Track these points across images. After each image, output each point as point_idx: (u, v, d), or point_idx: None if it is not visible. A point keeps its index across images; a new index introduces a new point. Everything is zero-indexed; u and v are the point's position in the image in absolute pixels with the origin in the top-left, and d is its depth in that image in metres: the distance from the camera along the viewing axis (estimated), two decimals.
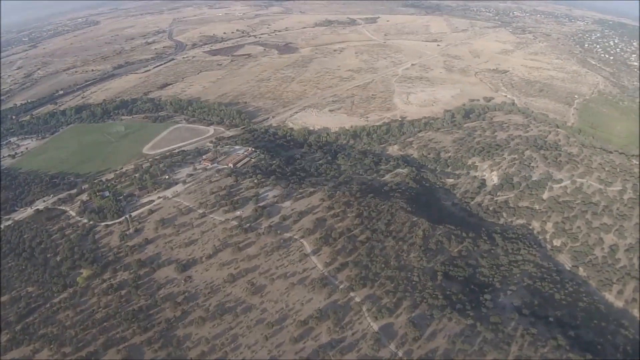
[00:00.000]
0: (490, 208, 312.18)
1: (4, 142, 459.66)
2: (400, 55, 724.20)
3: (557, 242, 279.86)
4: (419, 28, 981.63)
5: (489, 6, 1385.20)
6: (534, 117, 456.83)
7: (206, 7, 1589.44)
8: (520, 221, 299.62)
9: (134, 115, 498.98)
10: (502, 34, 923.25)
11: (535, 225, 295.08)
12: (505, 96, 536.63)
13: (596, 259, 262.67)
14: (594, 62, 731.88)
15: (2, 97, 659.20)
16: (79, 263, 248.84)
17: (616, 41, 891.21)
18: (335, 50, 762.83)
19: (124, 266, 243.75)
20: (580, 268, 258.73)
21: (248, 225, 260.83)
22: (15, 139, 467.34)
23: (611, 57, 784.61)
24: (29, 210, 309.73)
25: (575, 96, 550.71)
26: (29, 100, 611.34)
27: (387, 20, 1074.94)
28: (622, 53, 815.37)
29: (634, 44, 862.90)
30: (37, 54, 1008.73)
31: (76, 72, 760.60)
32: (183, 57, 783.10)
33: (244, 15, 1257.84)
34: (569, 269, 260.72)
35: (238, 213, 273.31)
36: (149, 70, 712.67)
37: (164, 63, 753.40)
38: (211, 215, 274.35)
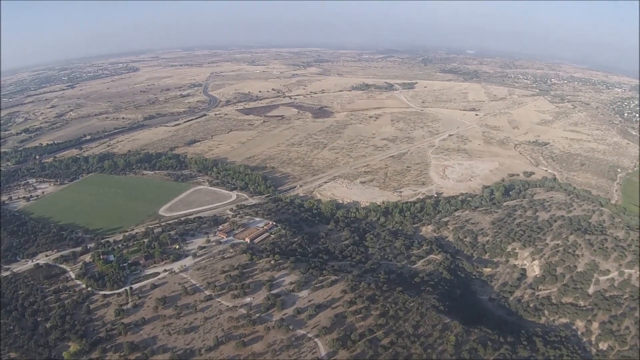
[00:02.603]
0: (531, 305, 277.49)
1: (22, 183, 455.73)
2: (437, 124, 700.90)
3: (603, 345, 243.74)
4: (457, 95, 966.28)
5: (526, 73, 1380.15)
6: (576, 195, 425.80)
7: (245, 63, 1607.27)
8: (564, 320, 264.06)
9: (156, 171, 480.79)
10: (540, 103, 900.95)
11: (580, 325, 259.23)
12: (546, 170, 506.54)
13: None
14: (634, 133, 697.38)
15: (31, 135, 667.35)
16: (69, 335, 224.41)
17: None
18: (371, 117, 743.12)
19: (115, 347, 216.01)
20: None
21: (257, 315, 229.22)
22: (33, 180, 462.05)
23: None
24: (30, 264, 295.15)
25: (618, 170, 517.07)
26: (56, 142, 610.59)
27: (425, 86, 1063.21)
28: None
29: None
30: (73, 94, 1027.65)
31: (107, 118, 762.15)
32: (215, 114, 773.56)
33: (281, 75, 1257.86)
34: None
35: (248, 300, 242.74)
36: (179, 124, 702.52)
37: (196, 118, 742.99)
38: (218, 299, 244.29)
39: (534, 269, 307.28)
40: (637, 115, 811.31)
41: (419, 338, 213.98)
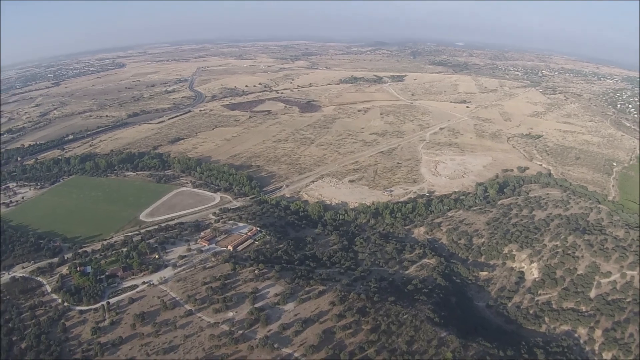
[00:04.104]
0: (531, 311, 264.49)
1: (3, 187, 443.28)
2: (427, 117, 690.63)
3: (607, 355, 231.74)
4: (447, 87, 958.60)
5: (516, 65, 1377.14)
6: (572, 191, 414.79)
7: (233, 57, 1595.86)
8: (565, 327, 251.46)
9: (138, 172, 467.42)
10: (532, 95, 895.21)
11: (582, 332, 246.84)
12: (541, 165, 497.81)
13: None
14: (628, 124, 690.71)
15: (14, 136, 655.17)
16: (44, 357, 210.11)
17: None
18: (359, 111, 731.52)
19: None
20: None
21: (240, 332, 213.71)
22: (14, 184, 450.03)
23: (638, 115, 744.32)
24: (6, 277, 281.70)
25: (614, 164, 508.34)
26: (38, 142, 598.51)
27: (414, 79, 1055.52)
28: None
29: None
30: (58, 92, 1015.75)
31: (91, 116, 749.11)
32: (200, 110, 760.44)
33: (268, 68, 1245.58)
34: None
35: (230, 314, 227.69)
36: (163, 121, 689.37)
37: (180, 115, 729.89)
38: (199, 314, 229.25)
39: (533, 272, 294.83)
40: (630, 106, 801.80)
41: (414, 356, 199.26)
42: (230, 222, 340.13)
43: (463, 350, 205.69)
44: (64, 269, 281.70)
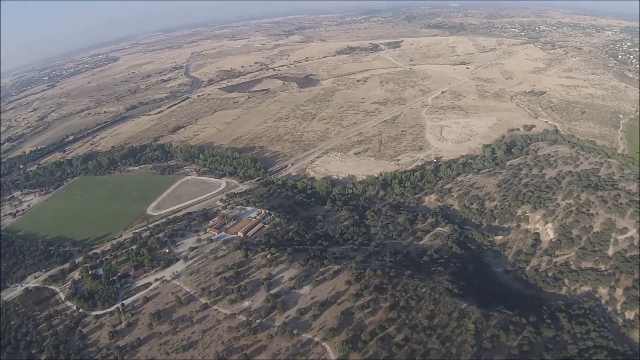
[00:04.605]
0: (550, 274, 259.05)
1: (8, 197, 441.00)
2: (428, 82, 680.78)
3: (629, 314, 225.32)
4: (445, 50, 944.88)
5: (513, 22, 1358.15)
6: (581, 146, 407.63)
7: (226, 39, 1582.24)
8: (585, 288, 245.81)
9: (141, 166, 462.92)
10: (532, 51, 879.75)
11: (603, 292, 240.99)
12: (547, 122, 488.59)
13: None
14: (631, 75, 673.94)
15: (14, 143, 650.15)
16: None
17: None
18: (358, 81, 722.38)
19: None
20: None
21: (258, 321, 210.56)
22: (19, 193, 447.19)
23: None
24: (19, 289, 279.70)
25: (620, 116, 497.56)
26: (38, 147, 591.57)
27: (411, 44, 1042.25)
28: None
29: None
30: (54, 94, 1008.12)
31: (89, 114, 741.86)
32: (198, 96, 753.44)
33: (263, 47, 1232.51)
34: None
35: (246, 304, 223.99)
36: (162, 111, 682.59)
37: (178, 103, 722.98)
38: (215, 307, 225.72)
39: (548, 233, 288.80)
40: (632, 56, 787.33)
41: (435, 330, 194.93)
42: (238, 207, 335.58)
43: (485, 320, 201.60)
44: (76, 274, 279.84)
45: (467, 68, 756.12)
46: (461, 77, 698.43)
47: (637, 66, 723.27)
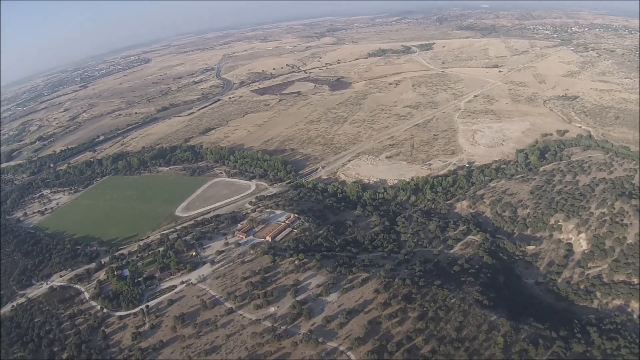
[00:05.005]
0: (582, 286, 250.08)
1: (37, 195, 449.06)
2: (460, 85, 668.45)
3: None
4: (477, 52, 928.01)
5: (545, 24, 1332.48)
6: (615, 152, 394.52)
7: (257, 40, 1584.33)
8: (617, 302, 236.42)
9: (171, 167, 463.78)
10: (564, 53, 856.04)
11: (635, 306, 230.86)
12: (580, 127, 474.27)
13: None
14: None
15: (45, 142, 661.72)
16: None
17: None
18: (390, 84, 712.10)
19: None
20: None
21: (283, 328, 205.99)
22: (48, 191, 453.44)
23: None
24: (44, 287, 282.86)
25: None
26: (69, 147, 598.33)
27: (443, 46, 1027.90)
28: None
29: None
30: (85, 94, 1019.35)
31: (120, 115, 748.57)
32: (229, 98, 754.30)
33: (294, 49, 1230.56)
34: None
35: (272, 310, 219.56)
36: (193, 112, 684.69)
37: (209, 104, 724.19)
38: (240, 312, 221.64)
39: (581, 244, 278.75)
40: None
41: (463, 343, 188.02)
42: (267, 210, 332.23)
43: (514, 333, 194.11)
44: (102, 274, 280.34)
45: (500, 71, 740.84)
46: (494, 80, 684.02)
47: None
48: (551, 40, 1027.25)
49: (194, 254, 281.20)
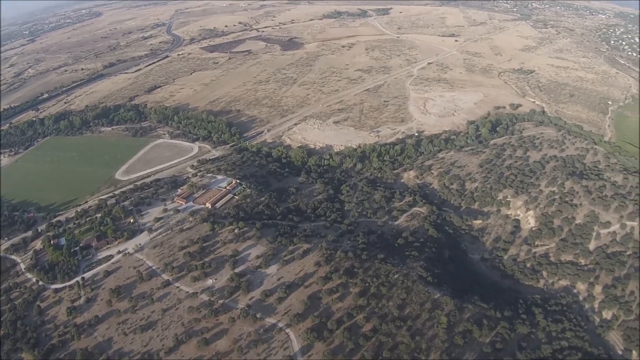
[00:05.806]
0: (528, 265, 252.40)
1: None
2: (415, 52, 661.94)
3: (607, 314, 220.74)
4: (435, 20, 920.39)
5: None
6: (567, 130, 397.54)
7: None
8: (564, 282, 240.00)
9: (114, 127, 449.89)
10: (523, 28, 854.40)
11: (581, 288, 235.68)
12: (534, 102, 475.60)
13: None
14: (622, 62, 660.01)
15: None
16: (21, 345, 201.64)
17: None
18: (343, 46, 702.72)
19: (69, 354, 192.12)
20: (634, 352, 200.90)
21: (221, 302, 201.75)
22: None
23: (639, 56, 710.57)
24: None
25: (609, 102, 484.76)
26: (12, 105, 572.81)
27: (400, 12, 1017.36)
28: None
29: None
30: (33, 49, 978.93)
31: (66, 71, 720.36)
32: (178, 54, 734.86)
33: (248, 6, 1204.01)
34: (620, 352, 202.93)
35: (210, 282, 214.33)
36: (140, 69, 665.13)
37: (157, 61, 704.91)
38: (177, 284, 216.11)
39: (529, 221, 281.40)
40: (624, 42, 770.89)
41: (406, 322, 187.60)
42: (208, 175, 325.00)
43: (458, 312, 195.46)
44: (38, 244, 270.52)
45: (456, 40, 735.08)
46: (449, 49, 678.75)
47: (630, 53, 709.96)
48: (511, 14, 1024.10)
49: (131, 221, 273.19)
